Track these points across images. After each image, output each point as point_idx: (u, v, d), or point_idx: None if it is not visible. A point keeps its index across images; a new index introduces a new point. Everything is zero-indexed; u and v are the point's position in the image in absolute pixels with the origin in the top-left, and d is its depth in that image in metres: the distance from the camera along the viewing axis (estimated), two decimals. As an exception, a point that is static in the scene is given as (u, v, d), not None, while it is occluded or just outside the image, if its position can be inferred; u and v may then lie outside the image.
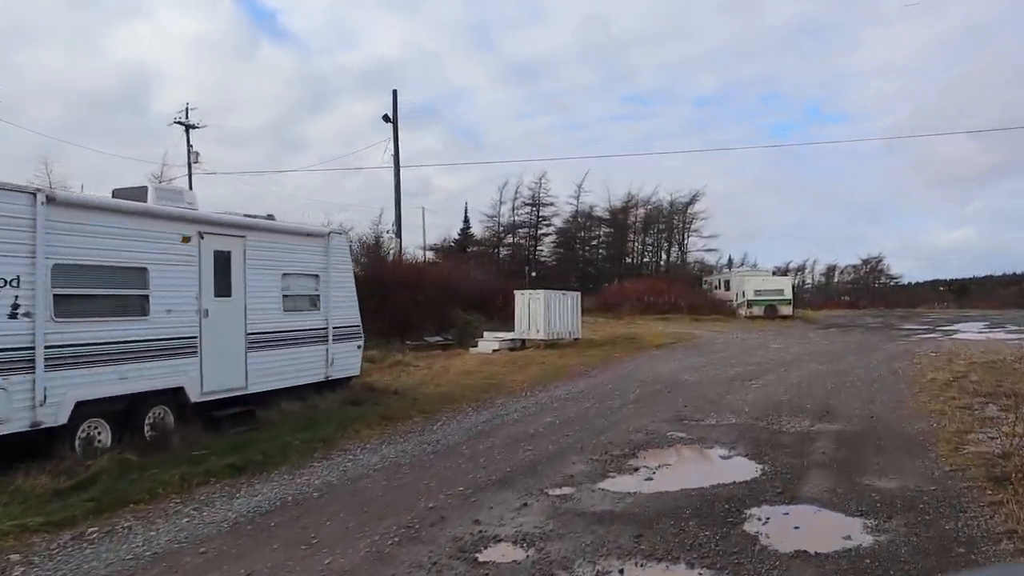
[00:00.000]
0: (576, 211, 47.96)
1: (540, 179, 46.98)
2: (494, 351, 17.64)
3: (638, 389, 11.23)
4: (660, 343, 19.15)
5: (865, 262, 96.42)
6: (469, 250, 51.90)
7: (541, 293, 18.28)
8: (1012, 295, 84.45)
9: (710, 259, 53.46)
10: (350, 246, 13.88)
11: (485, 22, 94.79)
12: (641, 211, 51.34)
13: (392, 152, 28.87)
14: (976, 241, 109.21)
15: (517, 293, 18.76)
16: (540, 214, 47.82)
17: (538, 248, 48.98)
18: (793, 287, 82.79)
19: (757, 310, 37.35)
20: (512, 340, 18.49)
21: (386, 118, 28.80)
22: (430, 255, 54.31)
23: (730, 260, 63.30)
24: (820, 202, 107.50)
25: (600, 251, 51.87)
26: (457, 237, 53.04)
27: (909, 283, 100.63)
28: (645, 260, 53.67)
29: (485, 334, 19.19)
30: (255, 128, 73.38)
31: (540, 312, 17.95)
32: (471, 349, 18.18)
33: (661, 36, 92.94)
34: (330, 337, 10.30)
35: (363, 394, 10.51)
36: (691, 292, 35.24)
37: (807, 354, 16.96)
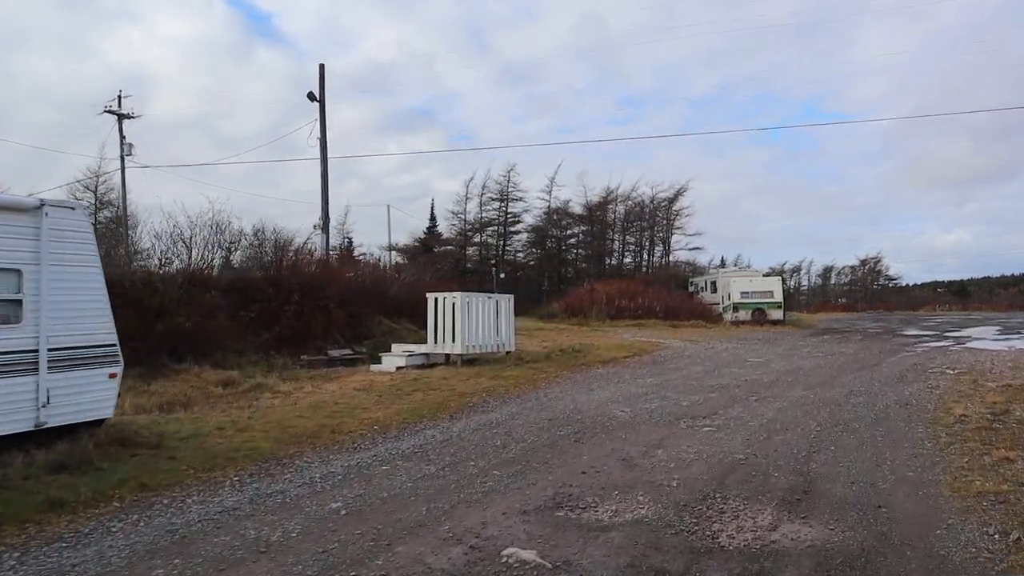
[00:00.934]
0: (549, 207, 44.46)
1: (508, 172, 43.51)
2: (398, 369, 14.11)
3: (533, 436, 7.68)
4: (611, 358, 15.61)
5: (863, 263, 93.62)
6: (436, 250, 48.48)
7: (457, 296, 14.72)
8: (1012, 296, 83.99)
9: (695, 259, 50.12)
10: (95, 228, 10.21)
11: (480, 24, 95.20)
12: (621, 207, 47.91)
13: (319, 135, 25.36)
14: (972, 243, 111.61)
15: (429, 297, 15.19)
16: (509, 210, 44.30)
17: (506, 247, 45.41)
18: (786, 289, 79.39)
19: (744, 315, 33.89)
20: (425, 355, 14.95)
21: (311, 96, 25.25)
22: (396, 257, 50.85)
23: (723, 261, 60.05)
24: (816, 205, 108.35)
25: (578, 250, 48.35)
26: (423, 236, 49.66)
27: (906, 284, 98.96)
28: (627, 260, 50.21)
29: (394, 347, 15.63)
30: (252, 130, 73.86)
31: (456, 320, 14.40)
32: (373, 366, 14.64)
33: (656, 36, 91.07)
34: (43, 363, 6.73)
35: (106, 449, 6.95)
36: (669, 295, 31.77)
37: (792, 372, 13.44)
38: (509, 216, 44.13)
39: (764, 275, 37.01)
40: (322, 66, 25.40)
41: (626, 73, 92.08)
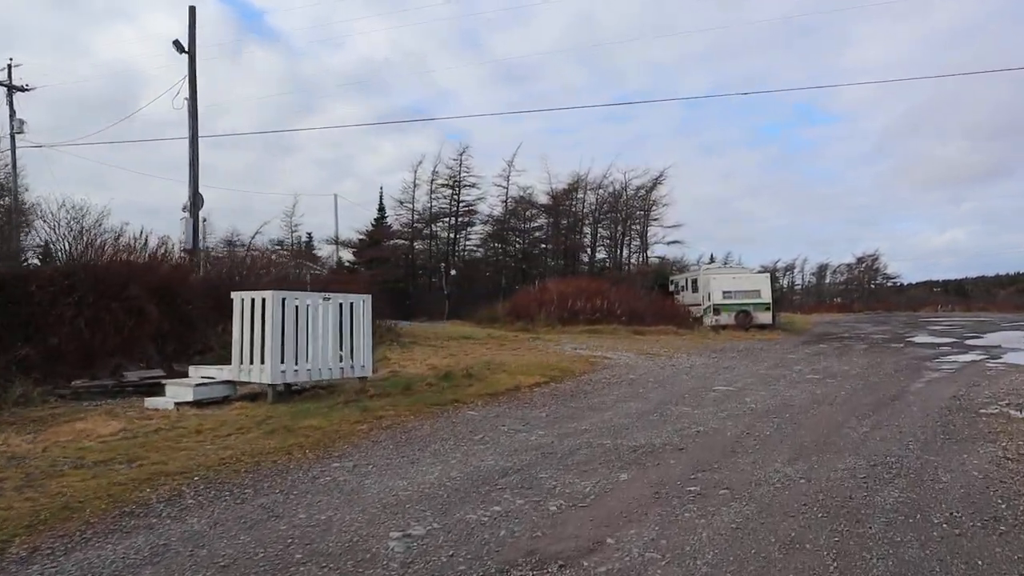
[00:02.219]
0: (507, 194, 39.66)
1: (461, 155, 38.70)
2: (177, 406, 9.35)
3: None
4: (512, 386, 10.89)
5: (860, 260, 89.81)
6: (386, 244, 43.70)
7: (268, 296, 9.89)
8: (1011, 296, 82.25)
9: (682, 255, 45.62)
10: None
11: (474, 23, 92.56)
12: (592, 195, 43.26)
13: (188, 95, 20.49)
14: (967, 242, 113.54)
15: (235, 298, 10.37)
16: (462, 198, 39.49)
17: (459, 241, 40.61)
18: (778, 288, 75.07)
19: (726, 318, 29.30)
20: (230, 384, 10.17)
21: (179, 46, 20.38)
22: (345, 253, 45.92)
23: (712, 258, 55.76)
24: (812, 205, 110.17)
25: (544, 245, 43.61)
26: (370, 228, 44.87)
27: (903, 284, 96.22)
28: (600, 256, 45.57)
29: (191, 371, 10.82)
30: (248, 130, 75.31)
31: (267, 334, 9.62)
32: (149, 401, 9.84)
33: (648, 36, 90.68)
34: None
35: None
36: (636, 296, 27.07)
37: (772, 416, 8.76)
38: (462, 205, 39.37)
39: (750, 271, 32.34)
40: (192, 9, 20.53)
41: (620, 73, 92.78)
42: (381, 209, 44.91)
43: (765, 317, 29.53)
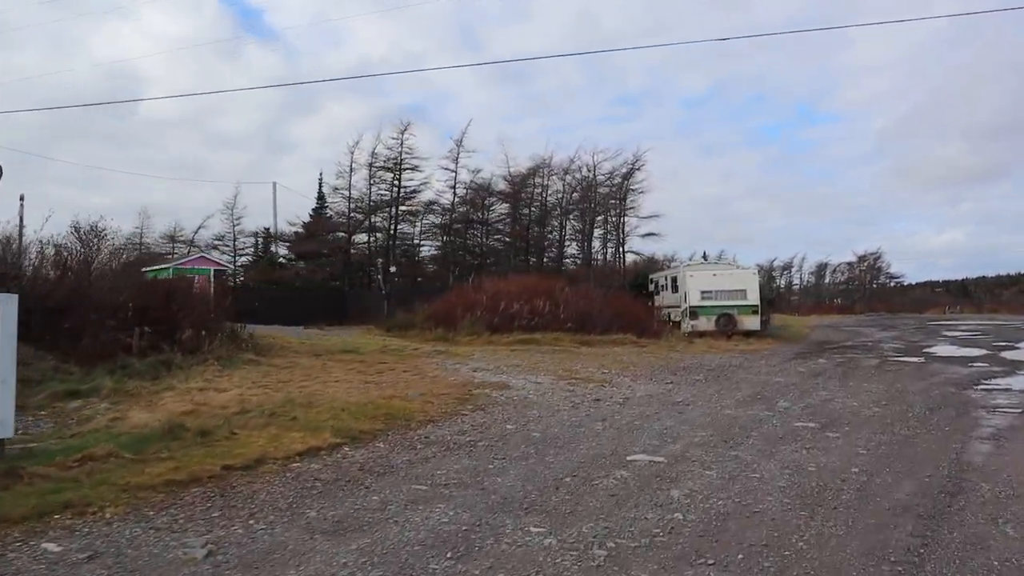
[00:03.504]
0: (455, 179, 34.80)
1: (402, 133, 33.84)
2: None
3: None
4: (242, 461, 6.06)
5: (861, 259, 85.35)
6: (324, 237, 38.86)
7: None
8: (1015, 296, 79.64)
9: (652, 249, 41.01)
10: None
11: (472, 22, 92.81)
12: (559, 183, 38.52)
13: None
14: (966, 243, 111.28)
15: None
16: (402, 183, 34.64)
17: (399, 231, 35.73)
18: (774, 287, 70.22)
19: (705, 323, 24.55)
20: None
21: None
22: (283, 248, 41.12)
23: (704, 256, 51.06)
24: (811, 205, 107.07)
25: (502, 237, 38.79)
26: (308, 220, 40.05)
27: (906, 284, 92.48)
28: (570, 251, 40.82)
29: None
30: (245, 129, 74.70)
31: None
32: None
33: (648, 36, 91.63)
34: None
35: None
36: (589, 297, 22.20)
37: (700, 561, 3.93)
38: (404, 190, 34.47)
39: (735, 267, 27.54)
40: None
41: (619, 72, 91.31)
42: (320, 198, 40.06)
43: (752, 322, 24.80)
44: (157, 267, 30.07)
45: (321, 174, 39.75)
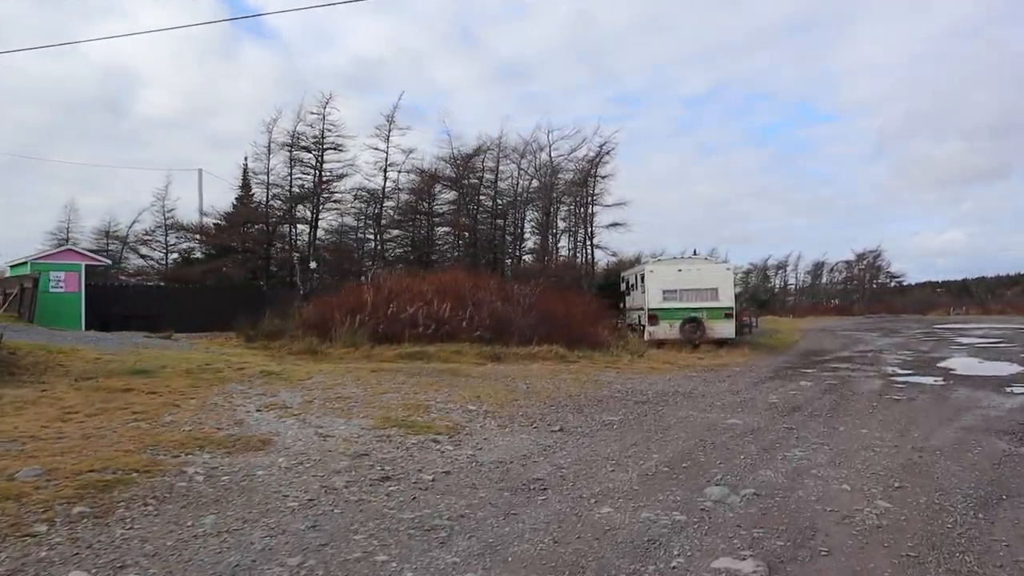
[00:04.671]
0: (385, 161, 30.22)
1: (323, 107, 29.31)
2: None
3: None
4: None
5: (860, 257, 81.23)
6: (245, 229, 34.45)
7: None
8: (1016, 296, 78.68)
9: (625, 246, 36.66)
10: None
11: (470, 20, 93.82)
12: (511, 166, 34.13)
13: None
14: (965, 243, 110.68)
15: None
16: (324, 163, 30.10)
17: (320, 222, 31.20)
18: (767, 288, 66.02)
19: (665, 328, 20.24)
20: None
21: None
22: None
23: (694, 253, 46.70)
24: (809, 205, 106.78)
25: (443, 228, 34.23)
26: (230, 211, 35.59)
27: (906, 284, 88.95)
28: (528, 245, 36.40)
29: None
30: (241, 129, 73.65)
31: None
32: None
33: (647, 34, 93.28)
34: None
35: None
36: (508, 297, 17.63)
37: None
38: (324, 173, 29.91)
39: (706, 262, 23.10)
40: None
41: (618, 72, 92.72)
42: (245, 186, 35.52)
43: (724, 328, 20.42)
44: (15, 261, 25.61)
45: (246, 158, 35.19)
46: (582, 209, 36.32)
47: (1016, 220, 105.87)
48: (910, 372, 15.05)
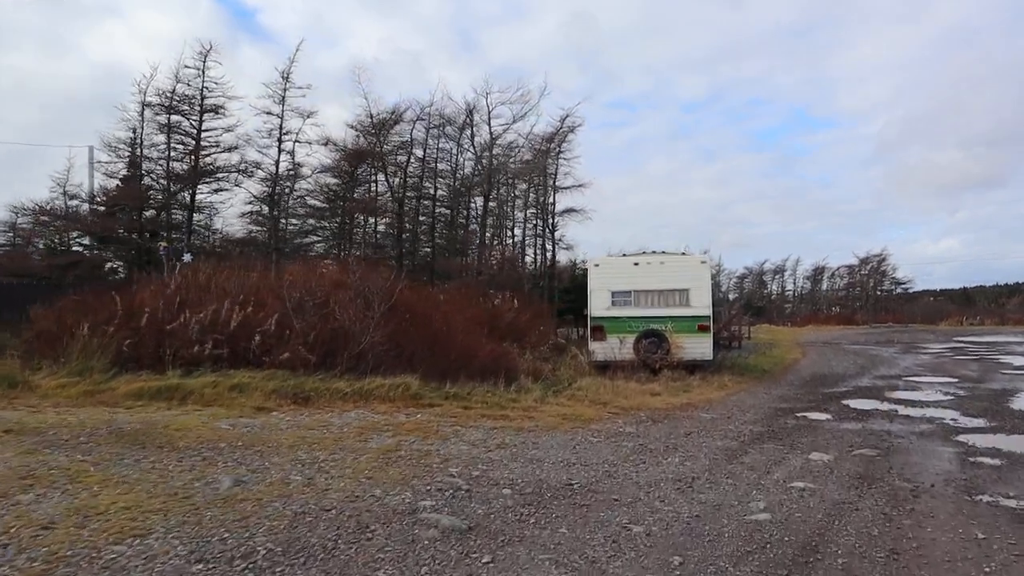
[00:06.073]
0: (280, 128, 24.38)
1: (204, 56, 23.50)
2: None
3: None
4: None
5: (864, 262, 75.91)
6: (117, 213, 28.76)
7: None
8: (1017, 306, 76.21)
9: (574, 233, 31.09)
10: None
11: (468, 23, 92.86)
12: (452, 144, 28.43)
13: None
14: (963, 251, 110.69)
15: None
16: (203, 128, 24.27)
17: (198, 203, 25.33)
18: (763, 294, 62.37)
19: (616, 347, 14.55)
20: None
21: None
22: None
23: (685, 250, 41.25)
24: (807, 210, 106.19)
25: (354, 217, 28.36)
26: (115, 190, 29.84)
27: (912, 291, 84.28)
28: (481, 241, 30.61)
29: None
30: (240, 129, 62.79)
31: None
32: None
33: (646, 38, 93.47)
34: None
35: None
36: (346, 303, 11.86)
37: None
38: (205, 139, 24.01)
39: (675, 256, 17.11)
40: None
41: (616, 76, 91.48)
42: (133, 164, 29.64)
43: (697, 346, 14.65)
44: None
45: (135, 131, 29.28)
46: (541, 198, 30.69)
47: (1013, 228, 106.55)
48: (984, 424, 9.42)
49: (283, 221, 30.79)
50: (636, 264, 15.17)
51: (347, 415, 8.36)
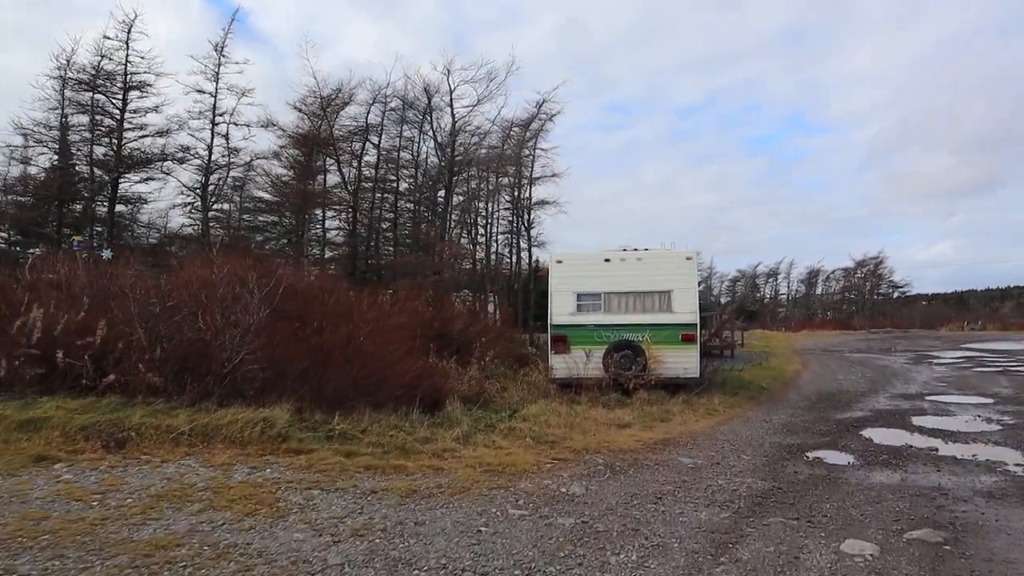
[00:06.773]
0: (213, 108, 21.63)
1: (128, 30, 20.83)
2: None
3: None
4: None
5: (860, 264, 73.76)
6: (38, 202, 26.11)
7: None
8: (1012, 310, 77.44)
9: (569, 238, 28.62)
10: None
11: (462, 27, 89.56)
12: (415, 130, 25.82)
13: None
14: (954, 256, 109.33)
15: None
16: (128, 106, 21.55)
17: (124, 193, 22.57)
18: (756, 298, 61.73)
19: (581, 362, 11.87)
20: None
21: None
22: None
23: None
24: (801, 215, 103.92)
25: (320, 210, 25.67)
26: (42, 174, 27.23)
27: (908, 295, 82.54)
28: (456, 231, 28.02)
29: None
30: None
31: None
32: None
33: (642, 43, 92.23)
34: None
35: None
36: (208, 306, 9.37)
37: None
38: (128, 118, 21.29)
39: (654, 254, 14.37)
40: None
41: (612, 81, 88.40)
42: (64, 149, 26.89)
43: (681, 361, 12.05)
44: None
45: (65, 117, 26.50)
46: (516, 192, 28.12)
47: (1006, 233, 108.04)
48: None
49: (235, 217, 28.19)
50: (607, 260, 12.57)
51: (162, 469, 5.76)
